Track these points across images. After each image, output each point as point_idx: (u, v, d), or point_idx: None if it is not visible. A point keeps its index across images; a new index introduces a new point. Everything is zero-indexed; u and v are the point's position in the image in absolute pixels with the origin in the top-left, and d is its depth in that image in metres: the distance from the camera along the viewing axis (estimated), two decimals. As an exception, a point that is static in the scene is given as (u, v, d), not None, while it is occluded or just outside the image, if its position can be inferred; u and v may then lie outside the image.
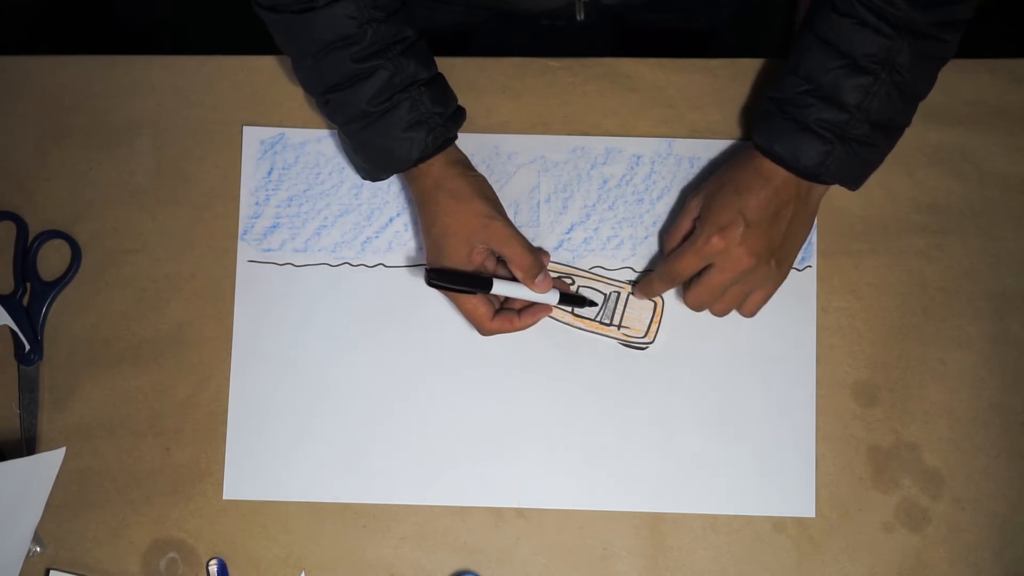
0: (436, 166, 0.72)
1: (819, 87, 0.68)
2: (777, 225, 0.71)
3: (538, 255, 0.73)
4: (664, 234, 0.78)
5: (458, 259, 0.71)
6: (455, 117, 0.73)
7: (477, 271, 0.72)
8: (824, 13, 0.69)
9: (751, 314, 0.74)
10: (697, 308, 0.74)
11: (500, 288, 0.72)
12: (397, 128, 0.70)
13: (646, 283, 0.76)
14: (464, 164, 0.74)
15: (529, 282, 0.72)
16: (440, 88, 0.72)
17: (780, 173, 0.70)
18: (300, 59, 0.71)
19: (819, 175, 0.70)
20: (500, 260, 0.74)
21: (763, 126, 0.72)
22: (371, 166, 0.74)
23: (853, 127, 0.68)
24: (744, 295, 0.73)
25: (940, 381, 0.78)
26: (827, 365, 0.78)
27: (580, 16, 0.82)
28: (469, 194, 0.72)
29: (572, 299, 0.76)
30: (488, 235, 0.71)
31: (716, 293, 0.72)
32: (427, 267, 0.71)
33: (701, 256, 0.71)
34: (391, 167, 0.73)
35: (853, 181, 0.72)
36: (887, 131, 0.70)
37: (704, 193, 0.74)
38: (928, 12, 0.66)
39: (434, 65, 0.72)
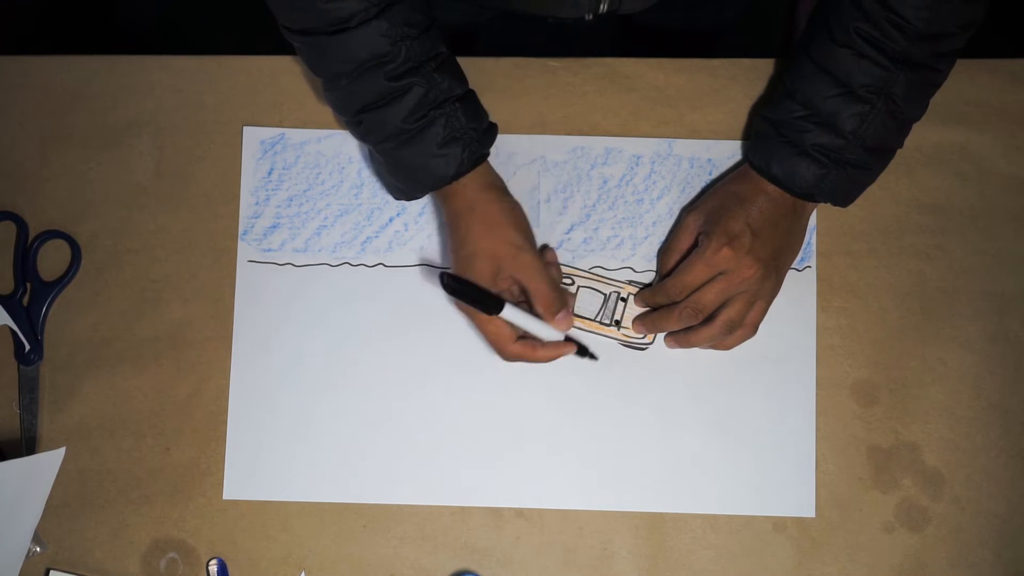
0: (471, 188, 0.72)
1: (816, 113, 0.70)
2: (777, 234, 0.73)
3: (562, 293, 0.72)
4: (661, 252, 0.78)
5: (483, 282, 0.71)
6: (489, 132, 0.73)
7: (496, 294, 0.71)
8: (822, 40, 0.70)
9: (754, 329, 0.74)
10: (701, 309, 0.73)
11: (514, 315, 0.71)
12: (433, 144, 0.70)
13: (650, 294, 0.77)
14: (500, 189, 0.74)
15: (549, 317, 0.71)
16: (473, 103, 0.72)
17: (782, 193, 0.72)
18: (333, 80, 0.70)
19: (813, 195, 0.72)
20: (522, 292, 0.73)
21: (760, 147, 0.74)
22: (407, 185, 0.73)
23: (849, 152, 0.70)
24: (748, 307, 0.73)
25: (940, 381, 0.78)
26: (827, 365, 0.78)
27: (589, 16, 0.82)
28: (502, 221, 0.72)
29: (582, 350, 0.75)
30: (516, 265, 0.71)
31: (721, 297, 0.72)
32: (443, 272, 0.70)
33: (711, 266, 0.72)
34: (428, 185, 0.72)
35: (844, 200, 0.74)
36: (881, 154, 0.72)
37: (705, 208, 0.75)
38: (925, 45, 0.67)
39: (466, 80, 0.72)
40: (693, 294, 0.73)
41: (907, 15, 0.66)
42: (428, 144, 0.70)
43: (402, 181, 0.73)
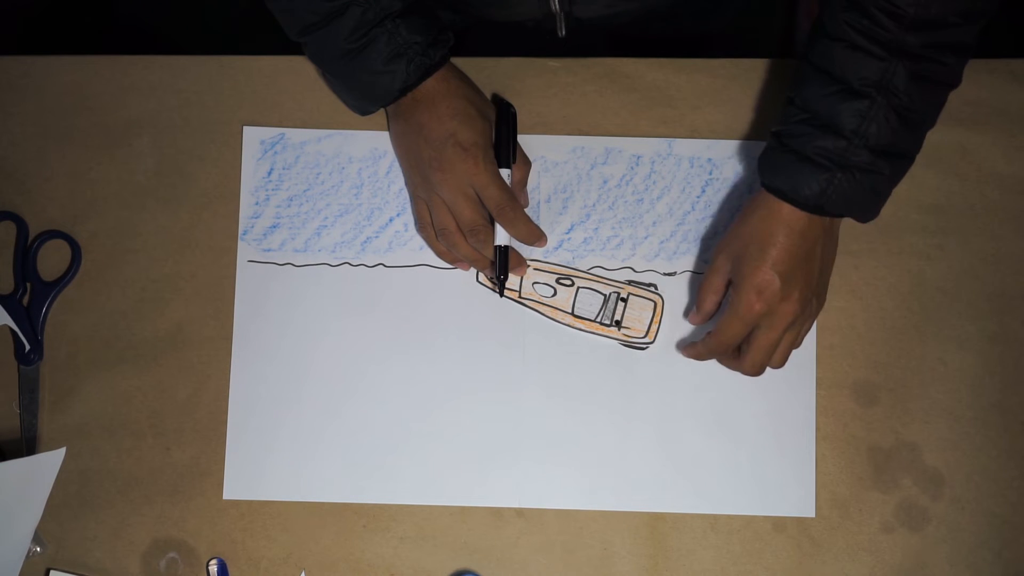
0: (431, 82, 0.73)
1: (815, 115, 0.68)
2: (810, 266, 0.70)
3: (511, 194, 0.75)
4: (698, 290, 0.75)
5: (484, 128, 0.74)
6: (437, 43, 0.73)
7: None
8: (817, 39, 0.69)
9: (799, 346, 0.74)
10: (758, 372, 0.73)
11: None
12: (377, 62, 0.71)
13: (692, 349, 0.76)
14: (462, 74, 0.75)
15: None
16: (417, 18, 0.72)
17: (802, 216, 0.69)
18: (274, 1, 0.73)
19: (822, 206, 0.68)
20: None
21: (766, 162, 0.71)
22: (358, 101, 0.76)
23: (852, 153, 0.67)
24: (795, 338, 0.73)
25: (940, 381, 0.78)
26: (827, 365, 0.78)
27: (561, 33, 0.82)
28: (474, 88, 0.76)
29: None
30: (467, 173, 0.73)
31: (771, 351, 0.72)
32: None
33: (745, 322, 0.70)
34: (377, 100, 0.75)
35: (861, 211, 0.71)
36: (890, 158, 0.68)
37: (731, 251, 0.72)
38: (919, 34, 0.65)
39: None
40: (745, 361, 0.72)
41: (897, 0, 0.64)
42: (374, 61, 0.71)
43: (355, 98, 0.76)
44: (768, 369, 0.75)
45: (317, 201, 0.80)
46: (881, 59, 0.66)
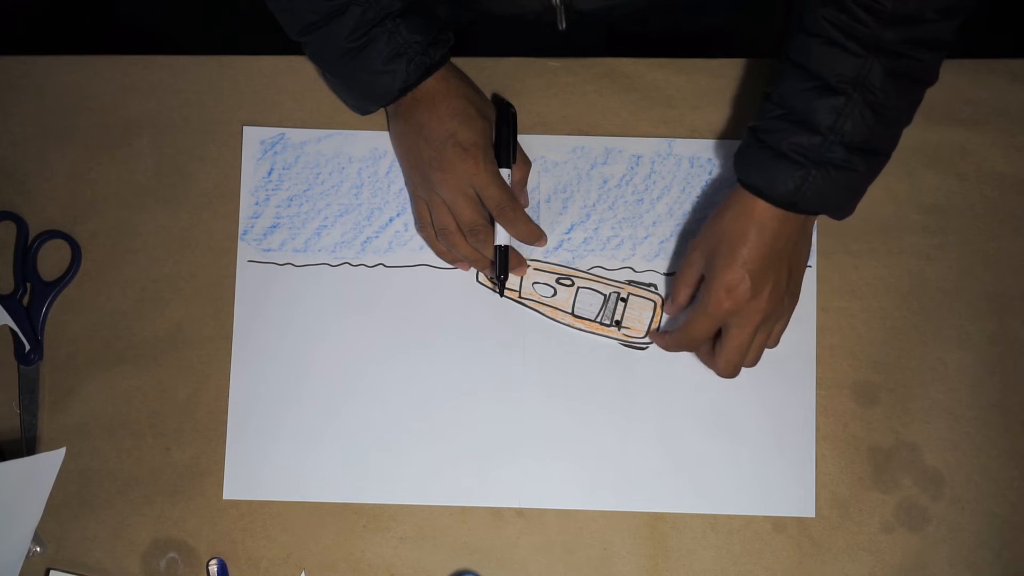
0: (431, 82, 0.73)
1: (791, 111, 0.68)
2: (781, 265, 0.70)
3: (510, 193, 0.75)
4: (673, 281, 0.76)
5: (485, 128, 0.74)
6: (437, 42, 0.73)
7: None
8: (794, 34, 0.68)
9: (775, 345, 0.74)
10: (732, 373, 0.73)
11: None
12: (377, 62, 0.71)
13: (661, 338, 0.76)
14: (463, 74, 0.76)
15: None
16: (417, 17, 0.72)
17: (775, 214, 0.69)
18: (274, 0, 0.73)
19: (796, 202, 0.68)
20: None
21: (741, 157, 0.71)
22: (358, 101, 0.76)
23: (827, 150, 0.67)
24: (767, 337, 0.73)
25: (940, 381, 0.78)
26: (827, 365, 0.78)
27: (562, 26, 0.82)
28: (474, 88, 0.76)
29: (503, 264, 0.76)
30: (466, 174, 0.73)
31: (743, 350, 0.72)
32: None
33: (714, 319, 0.71)
34: (377, 100, 0.74)
35: (835, 209, 0.70)
36: (865, 155, 0.68)
37: (704, 249, 0.72)
38: (897, 29, 0.65)
39: None
40: (718, 361, 0.73)
41: None
42: (374, 61, 0.71)
43: (355, 98, 0.76)
44: (766, 368, 0.75)
45: (317, 201, 0.80)
46: (857, 55, 0.65)
